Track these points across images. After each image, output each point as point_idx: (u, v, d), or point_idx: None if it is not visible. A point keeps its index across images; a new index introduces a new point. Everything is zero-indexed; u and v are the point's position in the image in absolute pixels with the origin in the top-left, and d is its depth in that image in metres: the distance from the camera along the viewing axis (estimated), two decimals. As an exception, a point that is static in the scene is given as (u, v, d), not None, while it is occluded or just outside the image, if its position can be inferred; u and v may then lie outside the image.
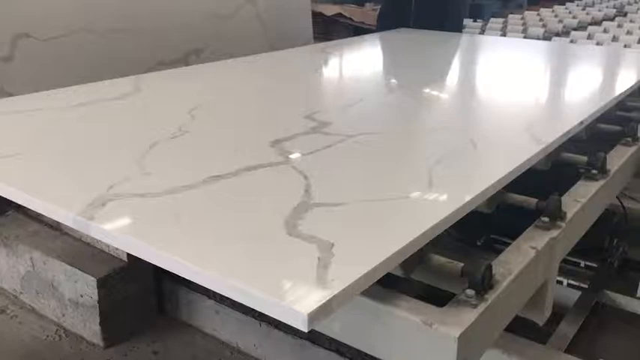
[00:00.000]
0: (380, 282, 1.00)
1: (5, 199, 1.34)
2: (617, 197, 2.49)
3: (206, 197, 1.20)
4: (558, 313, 2.06)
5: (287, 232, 1.04)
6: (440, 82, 2.58)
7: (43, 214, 1.19)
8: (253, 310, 1.79)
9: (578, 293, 2.20)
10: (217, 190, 1.23)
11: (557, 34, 3.93)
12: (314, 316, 0.83)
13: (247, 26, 3.71)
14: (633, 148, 1.92)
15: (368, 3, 7.87)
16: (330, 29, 7.18)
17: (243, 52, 2.99)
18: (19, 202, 1.25)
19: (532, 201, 1.42)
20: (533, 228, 1.37)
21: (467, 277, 1.09)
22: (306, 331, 0.84)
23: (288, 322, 0.84)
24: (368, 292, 1.06)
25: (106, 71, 2.77)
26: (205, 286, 0.95)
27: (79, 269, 2.29)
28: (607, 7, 5.73)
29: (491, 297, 1.09)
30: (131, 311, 2.36)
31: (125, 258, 2.34)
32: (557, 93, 2.34)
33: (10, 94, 2.62)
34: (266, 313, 0.87)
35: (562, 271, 2.26)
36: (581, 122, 1.77)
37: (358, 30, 6.96)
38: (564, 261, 2.31)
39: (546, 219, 1.37)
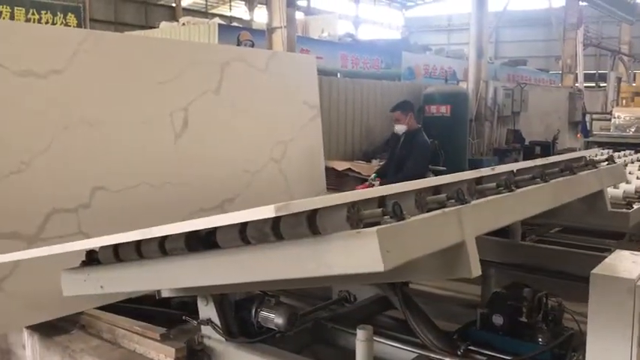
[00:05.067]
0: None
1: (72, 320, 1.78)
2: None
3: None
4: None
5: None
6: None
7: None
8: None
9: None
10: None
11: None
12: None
13: (271, 179, 4.49)
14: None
15: (374, 159, 8.86)
16: (342, 181, 8.05)
17: (269, 201, 3.69)
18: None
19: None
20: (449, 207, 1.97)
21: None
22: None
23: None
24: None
25: (159, 215, 3.47)
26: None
27: (135, 373, 2.80)
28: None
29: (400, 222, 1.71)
30: (175, 410, 2.82)
31: (172, 363, 2.85)
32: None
33: (87, 235, 3.31)
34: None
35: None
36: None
37: (366, 181, 7.82)
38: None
39: (453, 200, 2.01)
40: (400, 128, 5.74)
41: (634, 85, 21.15)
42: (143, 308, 3.40)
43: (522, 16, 31.22)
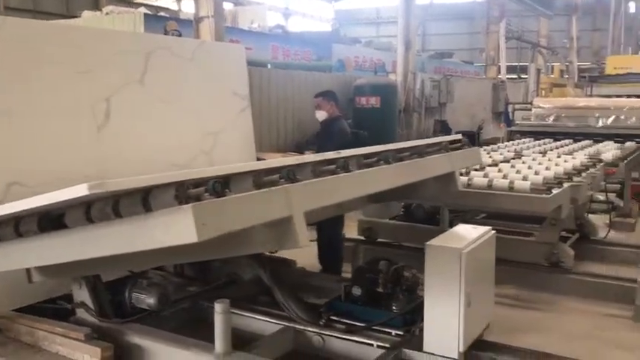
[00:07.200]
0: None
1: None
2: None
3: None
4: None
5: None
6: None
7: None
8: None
9: (382, 351, 2.95)
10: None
11: (461, 174, 4.77)
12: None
13: (201, 172, 4.38)
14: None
15: (307, 151, 8.83)
16: (274, 174, 8.00)
17: (198, 193, 3.61)
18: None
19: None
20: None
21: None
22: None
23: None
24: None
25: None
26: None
27: (57, 376, 2.67)
28: (508, 151, 6.78)
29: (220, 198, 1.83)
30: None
31: (95, 366, 2.74)
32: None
33: (2, 232, 3.11)
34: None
35: (376, 338, 3.01)
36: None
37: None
38: (381, 331, 2.96)
39: (282, 180, 2.15)
40: (320, 115, 5.72)
41: (552, 76, 22.20)
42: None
43: (448, 10, 32.02)
